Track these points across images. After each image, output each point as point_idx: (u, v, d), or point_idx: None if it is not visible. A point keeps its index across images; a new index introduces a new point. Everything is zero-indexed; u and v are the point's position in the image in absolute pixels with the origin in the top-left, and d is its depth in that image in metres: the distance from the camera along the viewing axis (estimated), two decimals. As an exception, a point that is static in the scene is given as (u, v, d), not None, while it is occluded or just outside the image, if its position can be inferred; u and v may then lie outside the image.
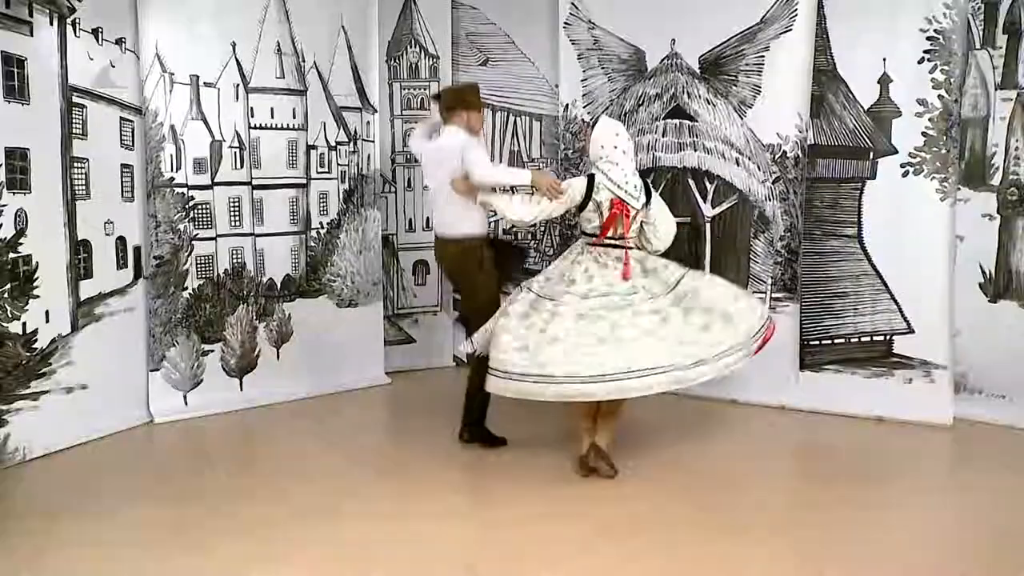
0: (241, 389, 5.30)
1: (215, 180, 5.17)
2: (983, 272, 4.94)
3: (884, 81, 4.93)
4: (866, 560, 3.21)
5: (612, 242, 4.13)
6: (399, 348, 6.24)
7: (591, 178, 4.13)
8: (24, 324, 4.24)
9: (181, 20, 4.95)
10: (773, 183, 5.28)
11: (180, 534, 3.45)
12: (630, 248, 4.14)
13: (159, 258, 4.95)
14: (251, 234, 5.35)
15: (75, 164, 4.49)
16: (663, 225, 4.31)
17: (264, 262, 5.41)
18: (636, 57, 5.64)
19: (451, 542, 3.36)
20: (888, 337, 5.07)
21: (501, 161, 6.09)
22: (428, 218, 6.27)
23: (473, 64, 6.20)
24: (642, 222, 4.21)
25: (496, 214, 4.48)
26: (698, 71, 5.46)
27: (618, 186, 4.09)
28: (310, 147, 5.57)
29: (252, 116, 5.31)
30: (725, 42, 5.33)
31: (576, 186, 4.15)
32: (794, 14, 5.08)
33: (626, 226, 4.11)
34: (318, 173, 5.63)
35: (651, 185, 4.45)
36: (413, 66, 6.15)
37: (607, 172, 4.12)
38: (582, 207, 4.14)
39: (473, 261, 4.38)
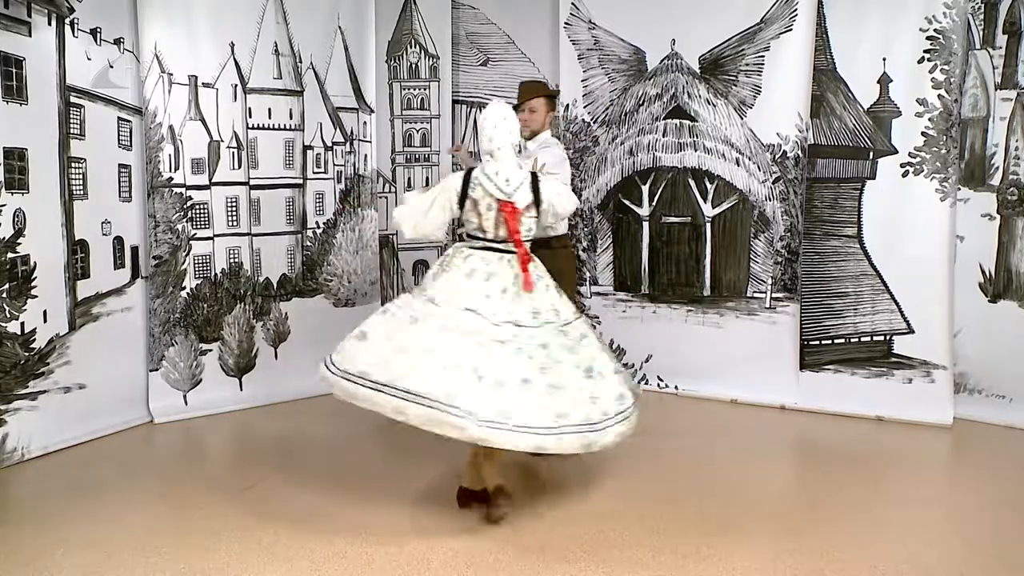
0: (241, 389, 5.30)
1: (213, 180, 5.17)
2: (983, 272, 4.94)
3: (884, 81, 4.94)
4: (866, 560, 3.21)
5: (496, 245, 3.63)
6: (399, 348, 6.22)
7: (468, 173, 3.68)
8: (22, 324, 4.24)
9: (180, 20, 4.93)
10: (773, 183, 5.28)
11: (180, 534, 3.44)
12: (522, 253, 3.58)
13: (158, 258, 4.94)
14: (248, 234, 5.35)
15: (73, 164, 4.48)
16: (561, 209, 3.80)
17: (260, 262, 5.40)
18: (636, 57, 5.64)
19: (450, 543, 3.35)
20: (888, 337, 5.07)
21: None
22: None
23: (473, 64, 6.19)
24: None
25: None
26: (698, 71, 5.46)
27: (489, 179, 3.61)
28: (306, 147, 5.56)
29: (250, 116, 5.30)
30: (725, 42, 5.34)
31: (452, 183, 3.70)
32: (794, 14, 5.08)
33: (510, 227, 3.57)
34: (314, 173, 5.62)
35: (538, 176, 3.72)
36: (413, 66, 6.14)
37: (484, 166, 3.67)
38: (460, 205, 3.66)
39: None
